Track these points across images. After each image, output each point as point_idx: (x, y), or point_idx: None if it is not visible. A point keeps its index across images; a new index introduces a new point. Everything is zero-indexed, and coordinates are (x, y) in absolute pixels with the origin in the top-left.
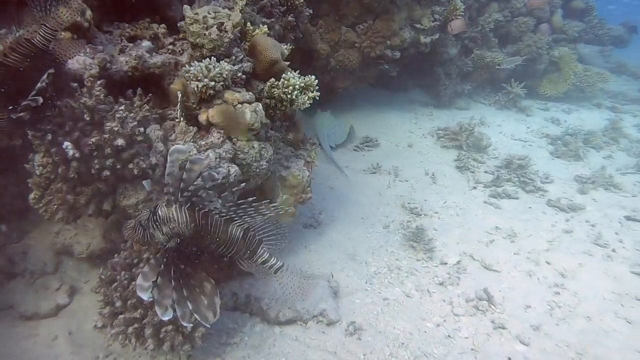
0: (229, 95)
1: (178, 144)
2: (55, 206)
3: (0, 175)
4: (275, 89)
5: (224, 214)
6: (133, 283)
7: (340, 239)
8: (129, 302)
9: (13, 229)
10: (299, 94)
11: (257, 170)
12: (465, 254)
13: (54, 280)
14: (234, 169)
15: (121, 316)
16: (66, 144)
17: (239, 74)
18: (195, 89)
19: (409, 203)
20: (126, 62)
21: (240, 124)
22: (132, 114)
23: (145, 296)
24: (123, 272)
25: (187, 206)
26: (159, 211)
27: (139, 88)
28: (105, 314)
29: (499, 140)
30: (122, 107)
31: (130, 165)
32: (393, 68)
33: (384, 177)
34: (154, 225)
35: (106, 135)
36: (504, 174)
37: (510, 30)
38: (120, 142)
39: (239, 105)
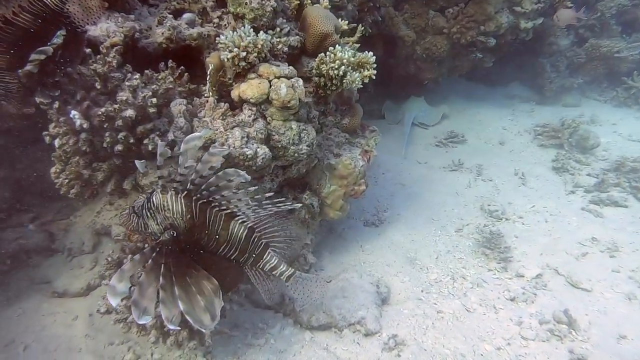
0: (264, 68)
1: (205, 120)
2: (68, 180)
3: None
4: (324, 65)
5: (224, 207)
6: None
7: (401, 240)
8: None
9: (62, 206)
10: (350, 71)
11: (296, 155)
12: (549, 267)
13: (89, 260)
14: (262, 150)
15: (123, 301)
16: (73, 113)
17: (280, 47)
18: (226, 60)
19: (490, 205)
20: (162, 33)
21: (274, 101)
22: (155, 86)
23: (114, 302)
24: (130, 255)
25: (183, 194)
26: (154, 197)
27: (170, 60)
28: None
29: (612, 141)
30: (137, 77)
31: (146, 141)
32: (487, 58)
33: (464, 176)
34: (148, 213)
35: (116, 106)
36: (611, 178)
37: (638, 16)
38: (129, 113)
39: (275, 80)
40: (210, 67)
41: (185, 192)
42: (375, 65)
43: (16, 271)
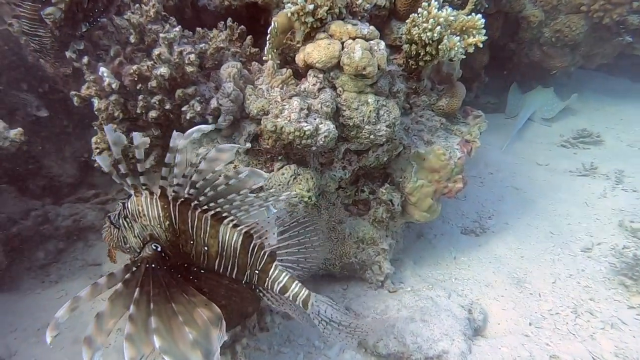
0: (336, 27)
1: (261, 88)
2: (100, 150)
3: None
4: (416, 28)
5: (207, 206)
6: None
7: (507, 255)
8: None
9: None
10: (449, 35)
11: (371, 137)
12: None
13: None
14: (325, 126)
15: None
16: (102, 70)
17: (361, 2)
18: (290, 14)
19: (633, 222)
20: None
21: (345, 66)
22: (203, 44)
23: (48, 337)
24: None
25: (159, 194)
26: (128, 203)
27: (229, 19)
28: None
29: None
30: (177, 29)
31: (185, 108)
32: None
33: (597, 183)
34: (125, 223)
35: (149, 62)
36: None
37: None
38: (162, 71)
39: (349, 42)
40: (273, 25)
41: (160, 191)
42: (484, 31)
43: (73, 249)
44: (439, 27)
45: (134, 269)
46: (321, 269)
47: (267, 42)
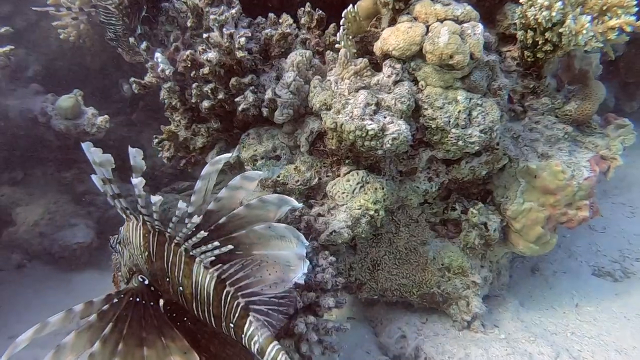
0: (421, 7)
1: (329, 80)
2: (158, 140)
3: None
4: (532, 8)
5: (181, 241)
6: None
7: None
8: None
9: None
10: (575, 14)
11: (460, 143)
12: None
13: None
14: (395, 126)
15: None
16: (156, 55)
17: None
18: None
19: None
20: None
21: (428, 54)
22: (268, 30)
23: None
24: None
25: (142, 221)
26: (122, 227)
27: (307, 3)
28: None
29: None
30: (234, 9)
31: (238, 99)
32: None
33: None
34: (120, 249)
35: (200, 47)
36: None
37: None
38: (210, 56)
39: (435, 25)
40: (350, 8)
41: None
42: (635, 9)
43: None
44: (559, 3)
45: (116, 300)
46: (395, 295)
47: (342, 27)
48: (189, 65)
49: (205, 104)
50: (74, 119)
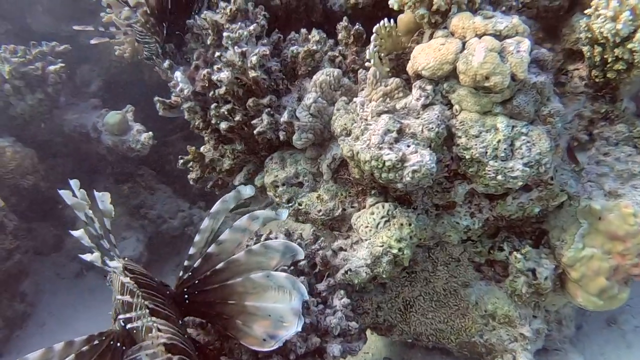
0: (458, 20)
1: (355, 102)
2: (184, 161)
3: None
4: (599, 20)
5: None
6: None
7: None
8: None
9: None
10: None
11: (498, 177)
12: None
13: None
14: (417, 157)
15: None
16: (176, 74)
17: None
18: (413, 11)
19: None
20: None
21: (461, 74)
22: (295, 47)
23: None
24: None
25: (125, 269)
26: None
27: (345, 18)
28: None
29: None
30: (252, 27)
31: (255, 121)
32: None
33: None
34: (110, 285)
35: (217, 66)
36: None
37: None
38: (222, 75)
39: (473, 40)
40: (384, 22)
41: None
42: None
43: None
44: (626, 13)
45: (96, 342)
46: (430, 341)
47: (372, 43)
48: (207, 85)
49: (223, 125)
50: (121, 134)
